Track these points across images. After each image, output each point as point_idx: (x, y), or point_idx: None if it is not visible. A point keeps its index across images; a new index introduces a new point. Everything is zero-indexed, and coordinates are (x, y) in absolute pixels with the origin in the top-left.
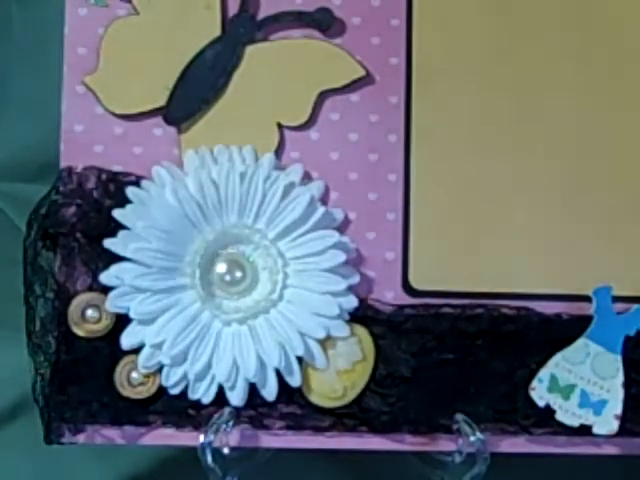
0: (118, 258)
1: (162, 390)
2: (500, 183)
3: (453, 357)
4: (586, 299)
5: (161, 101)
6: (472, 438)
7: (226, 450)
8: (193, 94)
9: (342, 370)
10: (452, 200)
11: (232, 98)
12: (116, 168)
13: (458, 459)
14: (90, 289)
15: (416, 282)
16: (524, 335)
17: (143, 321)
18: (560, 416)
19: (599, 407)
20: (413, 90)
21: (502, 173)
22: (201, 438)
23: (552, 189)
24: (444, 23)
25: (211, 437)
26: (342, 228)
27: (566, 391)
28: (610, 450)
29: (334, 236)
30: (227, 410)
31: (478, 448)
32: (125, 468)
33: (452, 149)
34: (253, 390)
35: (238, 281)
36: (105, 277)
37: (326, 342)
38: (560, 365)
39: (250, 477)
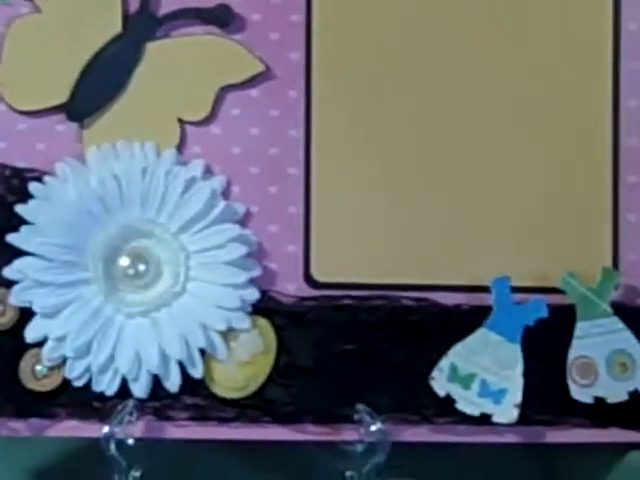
0: (22, 253)
1: (67, 383)
2: (401, 176)
3: (354, 348)
4: (485, 290)
5: (63, 97)
6: (373, 428)
7: (130, 441)
8: (95, 91)
9: (244, 361)
10: (353, 193)
11: (134, 94)
12: (19, 164)
13: (360, 448)
14: None
15: (318, 274)
16: (424, 326)
17: (46, 314)
18: (460, 405)
19: (499, 396)
20: (313, 85)
21: (402, 166)
22: (104, 429)
23: (452, 181)
24: (343, 18)
25: (114, 428)
26: (244, 222)
27: (466, 380)
28: (511, 438)
29: (235, 229)
30: (131, 402)
31: (379, 438)
32: (30, 460)
33: (352, 142)
34: (157, 382)
35: (141, 274)
36: (8, 271)
37: (228, 334)
38: (460, 355)
39: (156, 468)
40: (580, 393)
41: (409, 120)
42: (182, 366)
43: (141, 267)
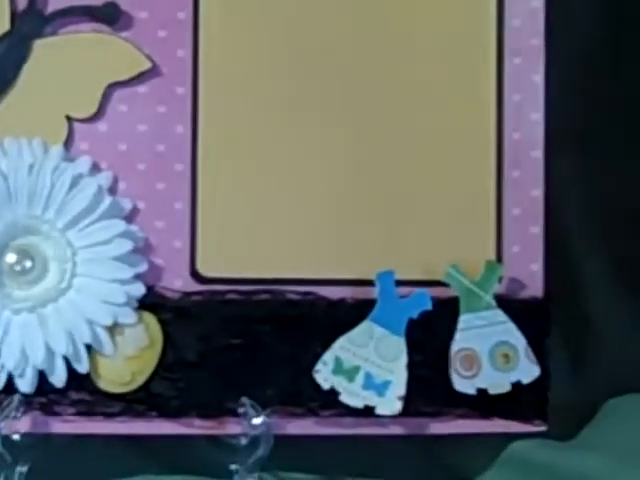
0: None
1: None
2: (286, 171)
3: (240, 342)
4: (370, 283)
5: None
6: (256, 421)
7: (16, 437)
8: None
9: (130, 356)
10: (239, 189)
11: (21, 91)
12: None
13: (244, 442)
14: None
15: (204, 269)
16: (309, 319)
17: None
18: (344, 398)
19: (383, 388)
20: (200, 81)
21: (287, 161)
22: None
23: (336, 176)
24: (229, 15)
25: (0, 424)
26: (130, 217)
27: (350, 373)
28: (395, 430)
29: (121, 225)
30: (16, 397)
31: (262, 431)
32: None
33: (239, 138)
34: (43, 377)
35: (28, 271)
36: None
37: (114, 329)
38: (344, 348)
39: (43, 464)
40: (463, 385)
41: (294, 116)
42: (68, 361)
43: (28, 263)
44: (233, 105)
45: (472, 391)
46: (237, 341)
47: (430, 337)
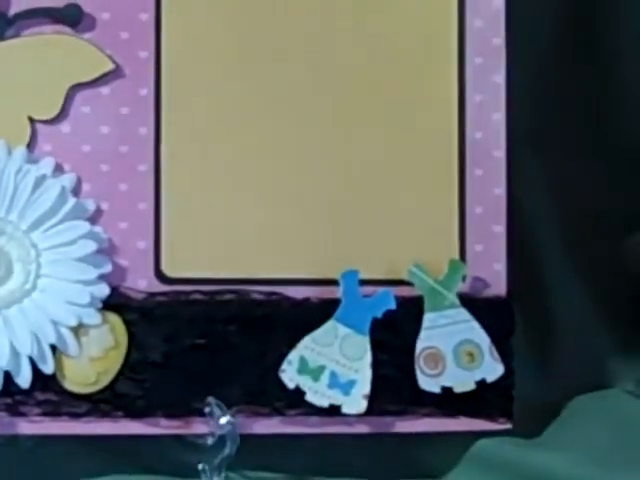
0: None
1: None
2: (249, 171)
3: (204, 342)
4: (334, 283)
5: None
6: (222, 420)
7: None
8: None
9: (95, 357)
10: (203, 189)
11: None
12: None
13: (210, 441)
14: None
15: (168, 270)
16: (274, 319)
17: None
18: (310, 397)
19: (348, 387)
20: (162, 82)
21: (251, 162)
22: None
23: (300, 176)
24: (192, 16)
25: None
26: (94, 218)
27: (315, 372)
28: (361, 429)
29: (85, 226)
30: None
31: (228, 430)
32: None
33: (202, 138)
34: (9, 378)
35: None
36: None
37: (79, 330)
38: (309, 347)
39: (9, 465)
40: (428, 383)
41: (258, 116)
42: (33, 362)
43: None
44: (196, 106)
45: (437, 390)
46: (202, 341)
47: (394, 336)
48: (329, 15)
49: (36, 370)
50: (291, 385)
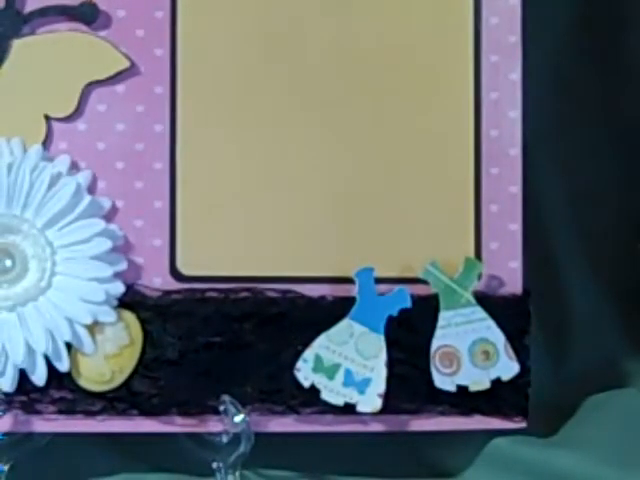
0: None
1: None
2: (265, 169)
3: (219, 340)
4: (349, 281)
5: None
6: (237, 419)
7: None
8: None
9: (110, 354)
10: (218, 187)
11: (0, 91)
12: None
13: (225, 439)
14: None
15: (183, 268)
16: (289, 317)
17: None
18: (325, 395)
19: (363, 386)
20: (178, 80)
21: (268, 160)
22: None
23: (314, 174)
24: (208, 14)
25: None
26: (110, 216)
27: (331, 371)
28: (376, 427)
29: (100, 224)
30: None
31: (243, 428)
32: None
33: (218, 137)
34: (24, 376)
35: (7, 270)
36: None
37: (94, 327)
38: (324, 346)
39: (26, 463)
40: (443, 382)
41: (273, 114)
42: (48, 360)
43: (7, 262)
44: (211, 104)
45: (452, 388)
46: (217, 339)
47: (410, 334)
48: (345, 14)
49: (51, 368)
50: (306, 383)
